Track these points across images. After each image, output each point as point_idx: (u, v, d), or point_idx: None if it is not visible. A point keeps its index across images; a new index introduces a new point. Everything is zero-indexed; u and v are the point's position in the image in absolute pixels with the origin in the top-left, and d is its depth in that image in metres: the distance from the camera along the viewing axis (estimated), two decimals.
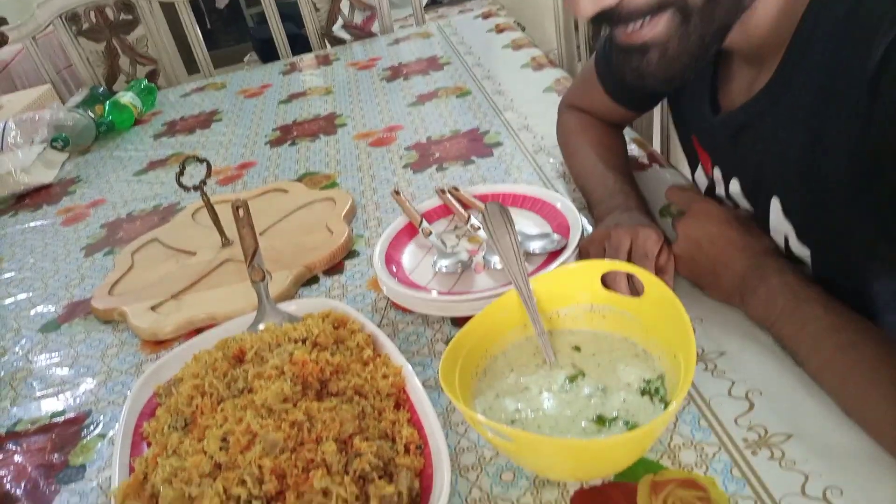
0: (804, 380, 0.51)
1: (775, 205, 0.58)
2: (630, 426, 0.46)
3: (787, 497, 0.43)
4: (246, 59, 3.30)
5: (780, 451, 0.46)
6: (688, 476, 0.46)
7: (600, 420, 0.47)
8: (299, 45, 1.93)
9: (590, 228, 0.74)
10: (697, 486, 0.45)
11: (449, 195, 0.82)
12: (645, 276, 0.53)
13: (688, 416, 0.50)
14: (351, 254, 0.83)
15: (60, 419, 0.68)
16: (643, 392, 0.49)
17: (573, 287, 0.57)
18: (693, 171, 0.76)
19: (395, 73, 1.43)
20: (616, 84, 0.82)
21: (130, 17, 1.86)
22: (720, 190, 0.69)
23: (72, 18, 1.78)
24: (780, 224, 0.58)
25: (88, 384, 0.72)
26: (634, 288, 0.57)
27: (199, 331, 0.74)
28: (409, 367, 0.58)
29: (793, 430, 0.47)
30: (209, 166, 0.88)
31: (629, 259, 0.62)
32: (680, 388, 0.43)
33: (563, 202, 0.75)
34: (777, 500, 0.43)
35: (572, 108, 0.91)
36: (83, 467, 0.62)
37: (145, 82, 1.62)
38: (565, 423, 0.48)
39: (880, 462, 0.44)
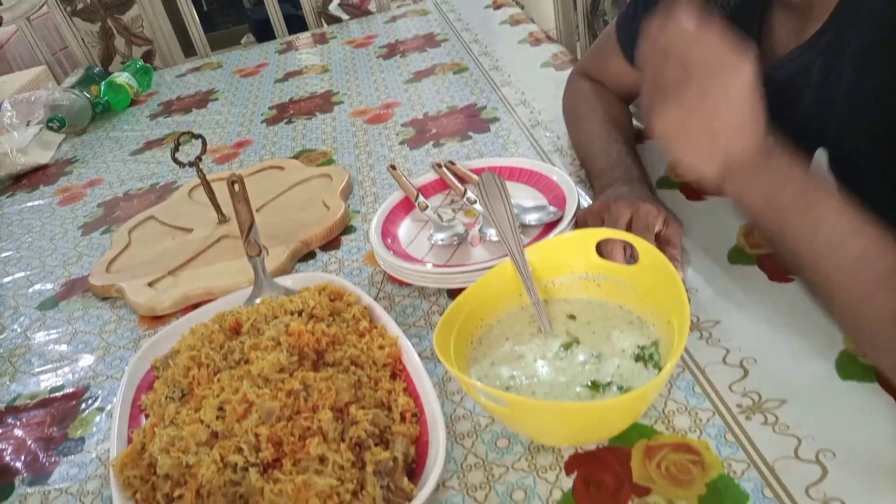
0: (798, 348, 0.51)
1: (821, 157, 0.56)
2: (624, 391, 0.46)
3: (781, 460, 0.43)
4: (243, 41, 3.28)
5: (773, 416, 0.46)
6: (682, 440, 0.46)
7: (594, 385, 0.48)
8: (296, 25, 1.91)
9: (586, 201, 0.74)
10: (691, 450, 0.45)
11: (445, 169, 0.82)
12: (640, 243, 0.53)
13: (682, 383, 0.50)
14: (348, 229, 0.83)
15: (59, 394, 0.69)
16: (637, 358, 0.49)
17: (568, 256, 0.57)
18: None
19: (392, 50, 1.42)
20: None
21: None
22: None
23: None
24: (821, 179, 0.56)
25: (87, 360, 0.73)
26: (633, 260, 0.57)
27: (196, 306, 0.74)
28: (405, 337, 0.58)
29: (787, 395, 0.47)
30: (204, 142, 0.87)
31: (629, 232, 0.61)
32: (673, 352, 0.43)
33: (560, 175, 0.75)
34: (770, 463, 0.43)
35: (584, 76, 0.90)
36: (82, 440, 0.62)
37: (141, 62, 1.60)
38: (560, 389, 0.48)
39: (873, 424, 0.44)
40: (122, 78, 1.49)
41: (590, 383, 0.48)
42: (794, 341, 0.51)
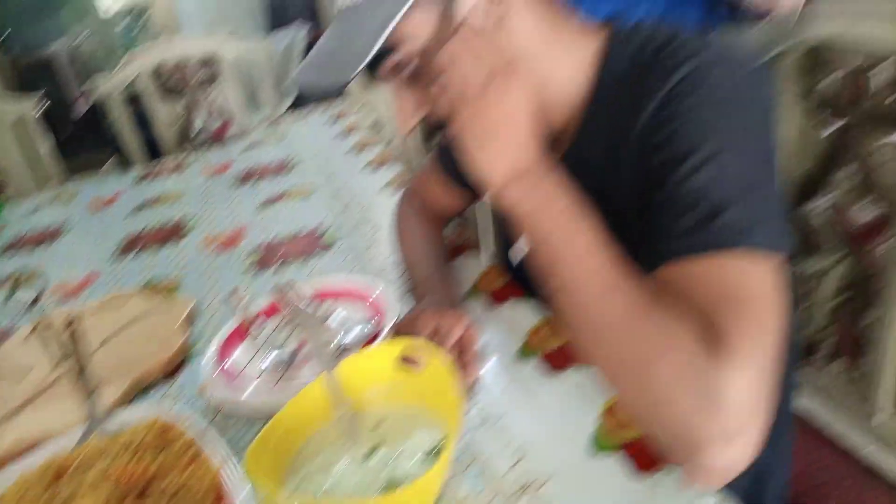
0: (564, 429, 0.61)
1: None
2: None
3: None
4: (105, 166, 3.25)
5: (540, 491, 0.55)
6: None
7: (392, 484, 0.54)
8: (158, 151, 1.97)
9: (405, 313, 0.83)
10: None
11: (283, 292, 0.89)
12: (432, 351, 0.62)
13: (471, 473, 0.58)
14: (189, 358, 0.86)
15: None
16: (432, 453, 0.57)
17: (376, 367, 0.65)
18: (508, 249, 0.89)
19: (247, 177, 1.50)
20: (459, 168, 0.91)
21: None
22: None
23: None
24: None
25: None
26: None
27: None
28: (232, 461, 0.62)
29: (552, 471, 0.57)
30: (43, 286, 0.89)
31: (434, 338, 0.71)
32: (446, 450, 0.51)
33: (384, 291, 0.84)
34: None
35: (410, 197, 1.02)
36: None
37: None
38: (362, 491, 0.54)
39: (616, 484, 0.54)
40: None
41: (388, 482, 0.55)
42: (562, 424, 0.61)
